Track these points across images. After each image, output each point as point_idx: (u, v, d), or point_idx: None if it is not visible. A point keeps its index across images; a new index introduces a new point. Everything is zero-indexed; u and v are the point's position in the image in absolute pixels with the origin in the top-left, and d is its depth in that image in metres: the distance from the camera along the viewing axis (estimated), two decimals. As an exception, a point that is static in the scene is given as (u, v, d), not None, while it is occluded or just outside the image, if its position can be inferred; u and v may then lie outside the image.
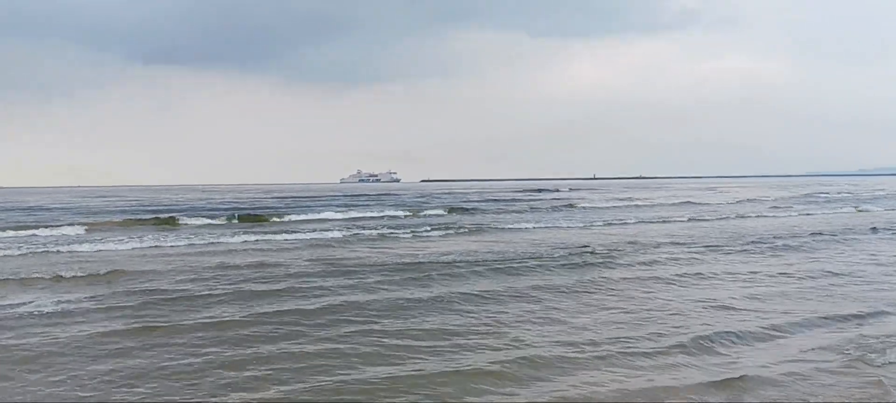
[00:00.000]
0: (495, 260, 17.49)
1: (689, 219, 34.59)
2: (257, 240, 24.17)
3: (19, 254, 20.16)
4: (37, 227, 28.99)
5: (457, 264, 16.82)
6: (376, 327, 10.17)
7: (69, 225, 29.84)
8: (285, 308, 11.54)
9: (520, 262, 17.17)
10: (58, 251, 20.95)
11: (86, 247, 21.90)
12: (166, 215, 36.76)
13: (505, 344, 9.14)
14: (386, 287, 13.75)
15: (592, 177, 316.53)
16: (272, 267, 16.56)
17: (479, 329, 10.10)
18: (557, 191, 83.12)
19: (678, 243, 21.84)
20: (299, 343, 9.21)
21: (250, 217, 36.80)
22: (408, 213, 40.09)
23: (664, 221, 33.49)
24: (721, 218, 35.13)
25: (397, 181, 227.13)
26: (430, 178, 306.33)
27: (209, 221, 34.51)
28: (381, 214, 39.52)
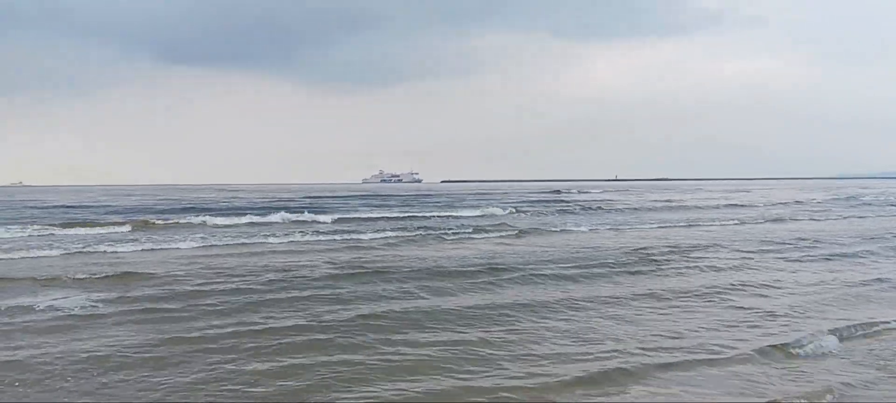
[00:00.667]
0: (563, 263, 16.89)
1: (740, 221, 33.77)
2: (320, 239, 23.90)
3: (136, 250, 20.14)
4: (102, 225, 28.97)
5: (523, 266, 16.23)
6: (465, 334, 9.65)
7: (119, 224, 29.76)
8: (377, 310, 11.03)
9: (584, 266, 16.54)
10: (164, 248, 20.64)
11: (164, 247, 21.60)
12: (207, 214, 36.50)
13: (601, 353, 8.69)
14: (465, 292, 13.20)
15: (614, 178, 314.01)
16: (357, 268, 16.04)
17: (567, 334, 9.65)
18: (588, 193, 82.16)
19: (737, 248, 21.08)
20: (396, 347, 8.75)
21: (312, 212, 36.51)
22: (447, 214, 39.59)
23: (712, 223, 32.66)
24: (774, 221, 34.27)
25: (419, 181, 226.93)
26: (451, 179, 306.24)
27: (259, 219, 34.28)
28: (430, 214, 39.16)
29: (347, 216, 37.05)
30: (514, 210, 42.86)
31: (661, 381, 7.58)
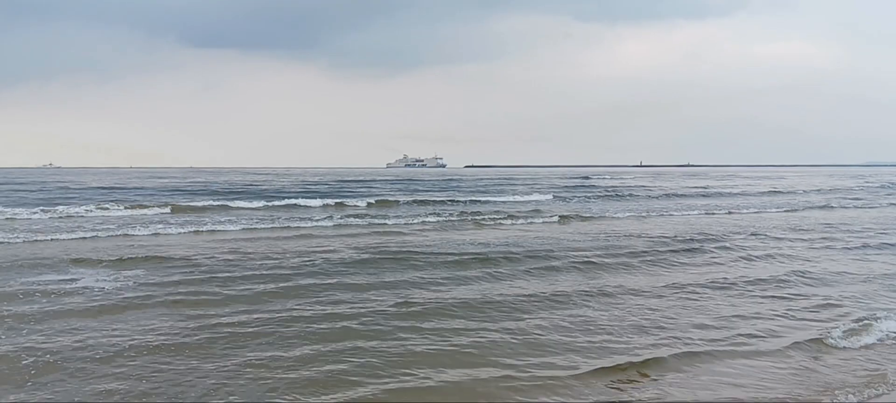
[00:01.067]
0: (605, 251, 16.45)
1: (789, 208, 33.15)
2: (363, 224, 23.81)
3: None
4: (144, 206, 29.01)
5: (573, 253, 15.82)
6: (531, 322, 9.33)
7: (158, 207, 29.84)
8: (433, 296, 10.70)
9: (629, 252, 16.17)
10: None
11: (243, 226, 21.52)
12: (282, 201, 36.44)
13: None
14: (522, 278, 12.82)
15: (639, 163, 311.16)
16: (405, 253, 15.73)
17: (627, 321, 9.32)
18: (621, 178, 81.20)
19: (787, 236, 20.47)
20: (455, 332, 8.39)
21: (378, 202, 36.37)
22: (488, 199, 39.24)
23: (759, 211, 31.90)
24: (821, 208, 33.47)
25: (443, 166, 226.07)
26: (475, 164, 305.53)
27: (325, 202, 34.22)
28: (470, 199, 38.86)
29: (385, 199, 36.76)
30: (552, 197, 42.38)
31: (720, 367, 7.47)
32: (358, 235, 20.15)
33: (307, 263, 14.10)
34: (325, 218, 25.55)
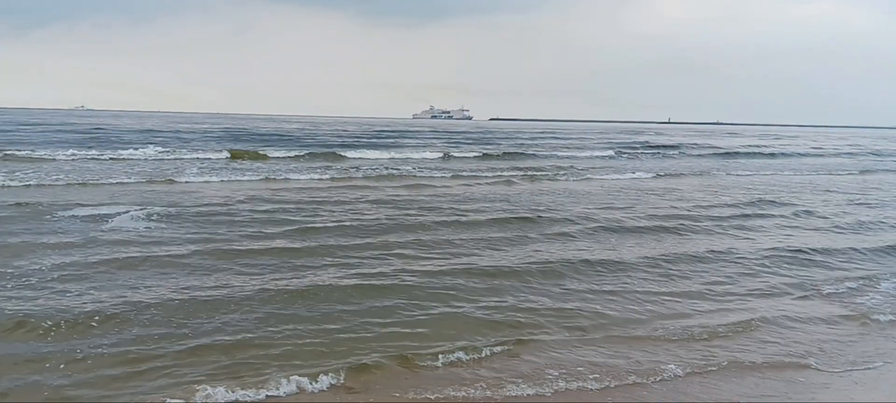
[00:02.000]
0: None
1: (862, 171, 32.12)
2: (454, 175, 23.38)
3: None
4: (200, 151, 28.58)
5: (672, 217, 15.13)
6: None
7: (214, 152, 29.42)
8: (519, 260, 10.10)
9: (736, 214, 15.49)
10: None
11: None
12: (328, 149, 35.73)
13: None
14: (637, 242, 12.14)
15: (667, 120, 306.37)
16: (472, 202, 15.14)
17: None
18: (668, 135, 79.68)
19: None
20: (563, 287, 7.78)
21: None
22: (553, 153, 38.48)
23: (831, 174, 30.79)
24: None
25: (470, 118, 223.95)
26: (500, 117, 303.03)
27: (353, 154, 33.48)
28: (534, 153, 37.98)
29: (445, 152, 36.07)
30: (614, 153, 41.53)
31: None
32: (430, 187, 19.60)
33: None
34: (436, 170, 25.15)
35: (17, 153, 25.42)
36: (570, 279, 9.05)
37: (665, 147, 49.44)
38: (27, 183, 17.51)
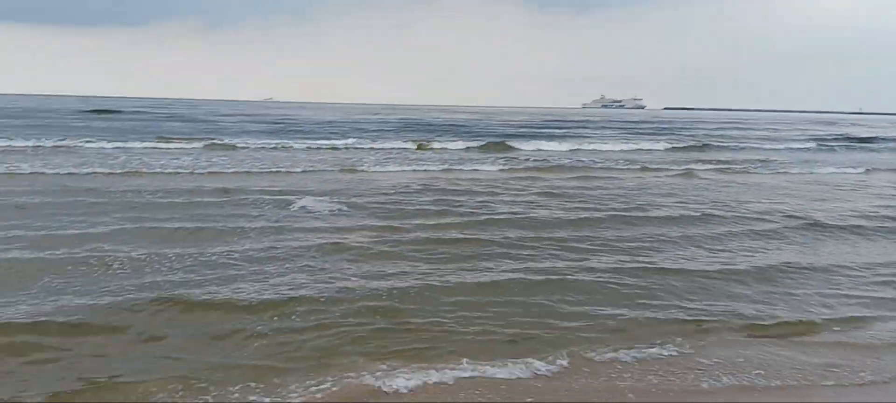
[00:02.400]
0: None
1: None
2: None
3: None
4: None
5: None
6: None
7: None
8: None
9: None
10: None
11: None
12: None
13: None
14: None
15: (858, 111, 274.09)
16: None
17: None
18: (868, 127, 71.34)
19: None
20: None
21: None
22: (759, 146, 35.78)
23: None
24: None
25: (642, 108, 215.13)
26: (674, 106, 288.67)
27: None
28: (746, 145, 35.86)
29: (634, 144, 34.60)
30: (816, 145, 37.98)
31: None
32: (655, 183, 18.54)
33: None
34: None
35: (219, 141, 27.75)
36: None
37: (866, 139, 44.35)
38: (229, 170, 18.73)
